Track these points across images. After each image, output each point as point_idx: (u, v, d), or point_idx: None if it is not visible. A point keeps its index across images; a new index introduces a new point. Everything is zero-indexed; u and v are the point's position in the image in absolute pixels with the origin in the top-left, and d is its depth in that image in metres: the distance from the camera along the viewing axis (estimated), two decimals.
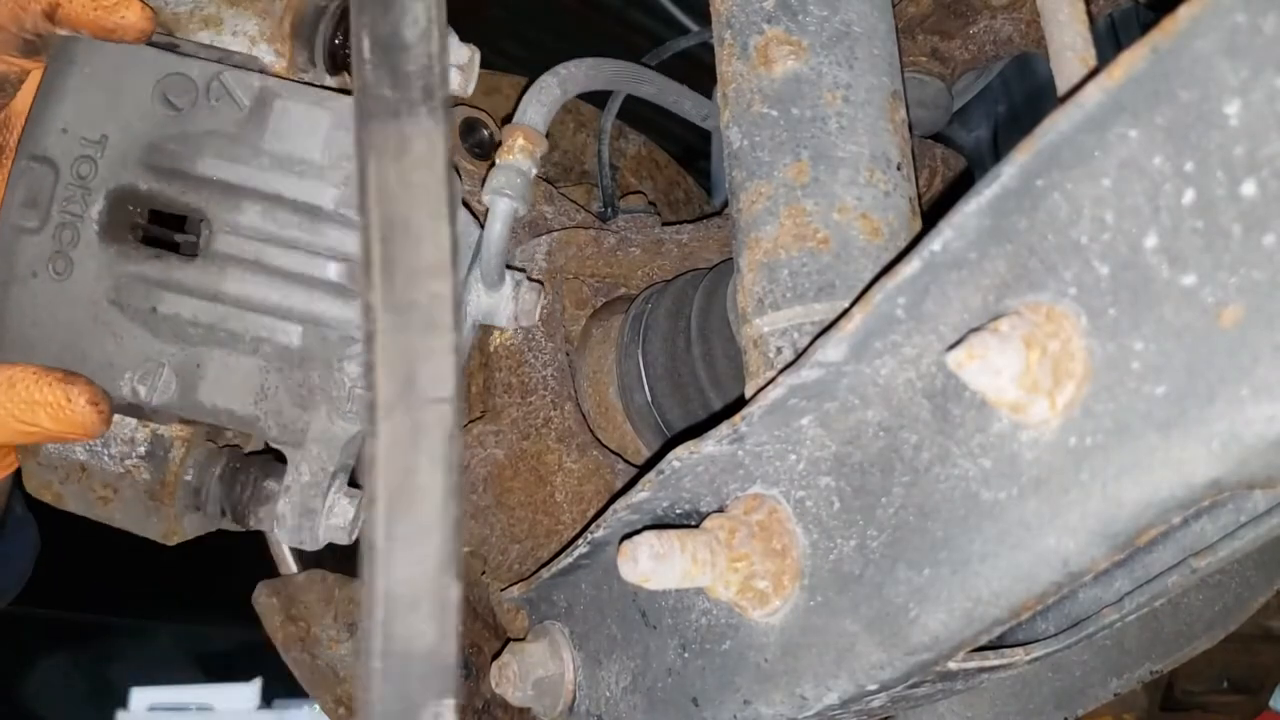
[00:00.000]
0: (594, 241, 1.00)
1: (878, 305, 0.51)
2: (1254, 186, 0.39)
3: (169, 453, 0.82)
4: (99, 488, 0.82)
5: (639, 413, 0.96)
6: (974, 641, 0.51)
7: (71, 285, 0.76)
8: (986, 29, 1.01)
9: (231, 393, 0.78)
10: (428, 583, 0.50)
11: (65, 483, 0.82)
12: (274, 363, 0.78)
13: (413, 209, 0.59)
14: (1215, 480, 0.41)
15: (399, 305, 0.56)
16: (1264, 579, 0.93)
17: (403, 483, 0.52)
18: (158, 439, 0.81)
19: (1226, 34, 0.39)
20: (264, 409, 0.78)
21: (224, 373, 0.78)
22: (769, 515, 0.59)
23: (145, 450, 0.81)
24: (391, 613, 0.50)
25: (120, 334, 0.77)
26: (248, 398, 0.78)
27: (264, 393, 0.78)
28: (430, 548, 0.51)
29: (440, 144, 0.59)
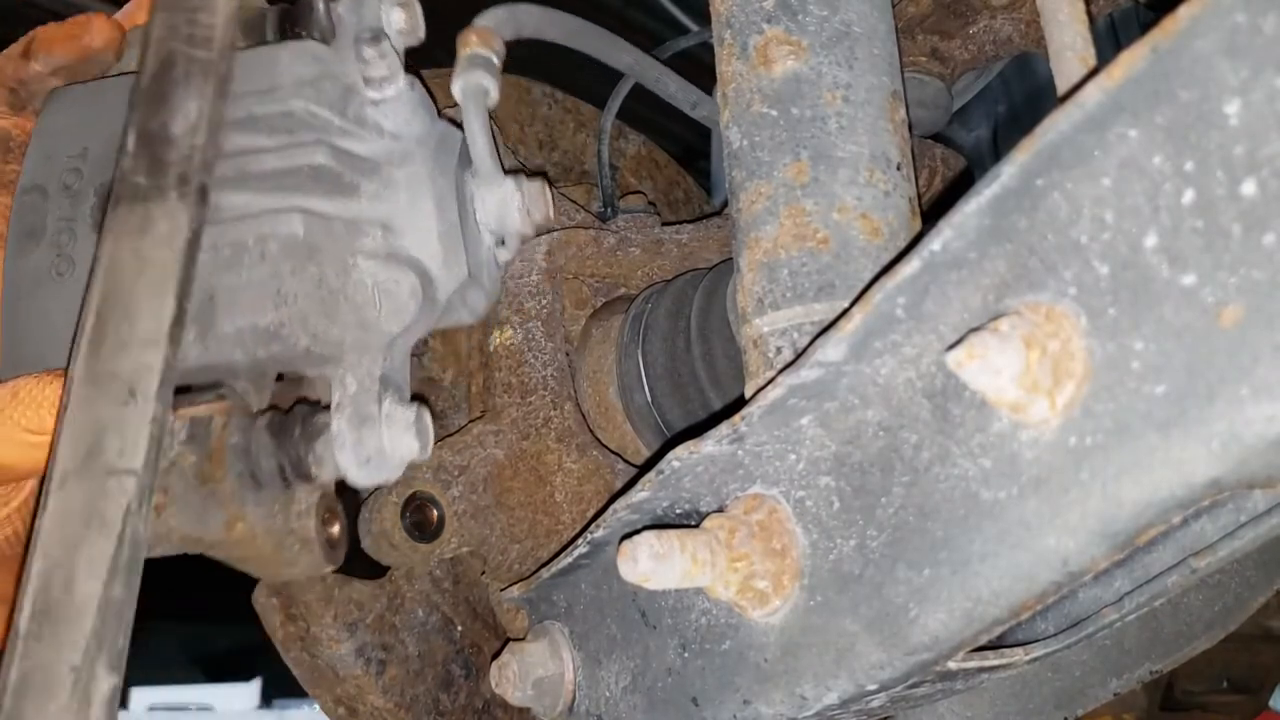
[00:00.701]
0: (594, 241, 1.00)
1: (878, 305, 0.51)
2: (1254, 186, 0.39)
3: (209, 426, 0.76)
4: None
5: (639, 413, 0.96)
6: (974, 641, 0.51)
7: (75, 280, 0.76)
8: (986, 29, 1.01)
9: (250, 307, 0.73)
10: (65, 673, 0.47)
11: None
12: (283, 262, 0.74)
13: (138, 283, 0.63)
14: (1215, 480, 0.41)
15: (98, 376, 0.58)
16: (1264, 579, 0.93)
17: (62, 559, 0.50)
18: (196, 421, 0.76)
19: (1226, 34, 0.39)
20: (287, 314, 0.73)
21: (237, 291, 0.73)
22: (769, 515, 0.59)
23: (186, 435, 0.75)
24: (20, 705, 0.46)
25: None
26: (267, 305, 0.73)
27: (282, 297, 0.73)
28: (76, 634, 0.48)
29: (185, 225, 0.65)
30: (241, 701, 4.55)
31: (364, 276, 0.76)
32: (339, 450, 0.74)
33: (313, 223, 0.75)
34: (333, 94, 0.79)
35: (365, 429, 0.74)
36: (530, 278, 0.95)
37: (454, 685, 0.94)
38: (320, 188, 0.77)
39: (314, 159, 0.76)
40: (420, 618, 0.92)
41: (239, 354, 0.74)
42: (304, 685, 0.89)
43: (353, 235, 0.77)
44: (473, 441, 0.89)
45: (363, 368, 0.75)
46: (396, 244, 0.78)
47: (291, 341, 0.73)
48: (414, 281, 0.77)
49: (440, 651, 0.94)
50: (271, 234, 0.74)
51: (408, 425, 0.75)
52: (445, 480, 0.87)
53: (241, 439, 0.76)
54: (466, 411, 0.98)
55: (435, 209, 0.79)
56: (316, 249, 0.75)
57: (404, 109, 0.81)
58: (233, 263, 0.74)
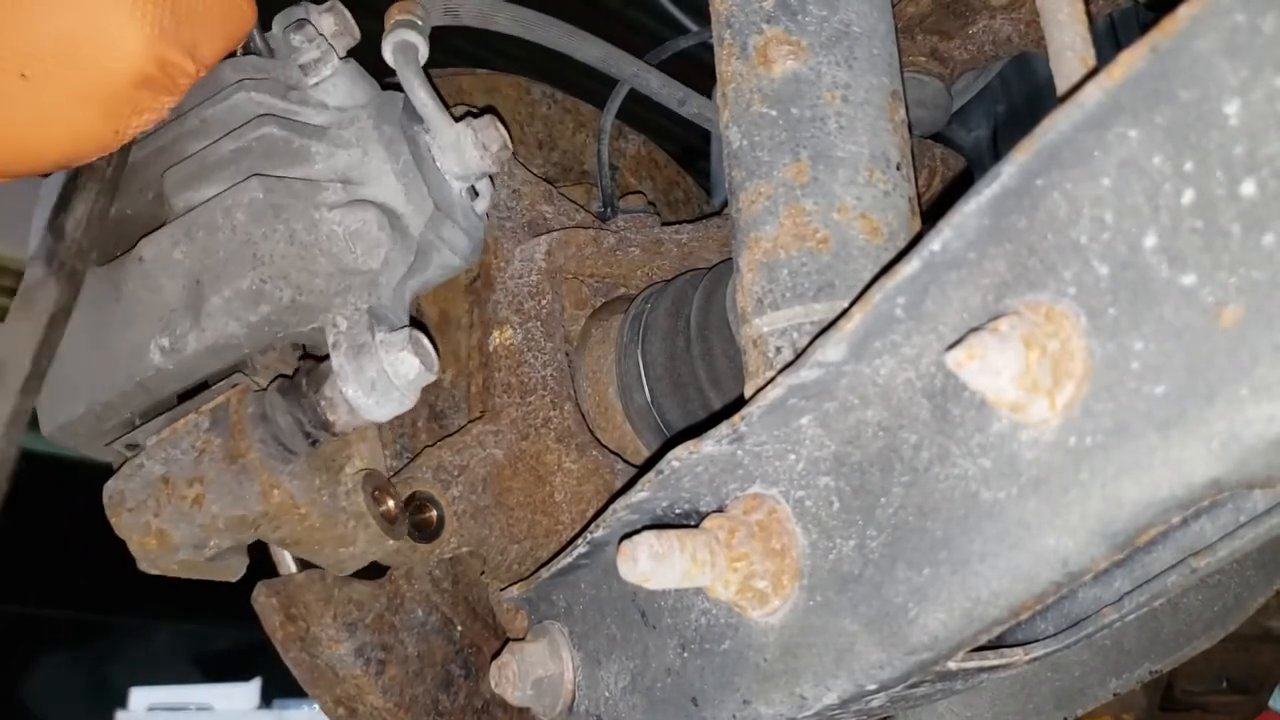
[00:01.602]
0: (593, 241, 1.00)
1: (877, 305, 0.51)
2: (1253, 186, 0.39)
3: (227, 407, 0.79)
4: (185, 488, 0.77)
5: (638, 412, 0.96)
6: (973, 641, 0.51)
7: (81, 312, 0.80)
8: (986, 29, 1.01)
9: (231, 276, 0.77)
10: None
11: (160, 512, 0.77)
12: (253, 227, 0.77)
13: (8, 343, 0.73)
14: (1215, 480, 0.41)
15: None
16: (1263, 579, 0.93)
17: None
18: (215, 409, 0.79)
19: (1226, 34, 0.39)
20: (266, 273, 0.77)
21: (218, 266, 0.78)
22: (768, 515, 0.59)
23: (208, 423, 0.78)
24: None
25: (132, 314, 0.79)
26: (245, 269, 0.77)
27: (259, 259, 0.77)
28: None
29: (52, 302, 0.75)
30: (241, 701, 4.55)
31: (332, 226, 0.79)
32: (344, 384, 0.76)
33: (271, 184, 0.79)
34: (274, 88, 0.84)
35: (363, 357, 0.76)
36: (530, 278, 0.95)
37: (453, 685, 0.94)
38: (274, 156, 0.81)
39: (259, 131, 0.81)
40: (420, 618, 0.92)
41: (233, 324, 0.77)
42: (303, 685, 0.89)
43: (313, 192, 0.80)
44: (472, 441, 0.89)
45: (350, 305, 0.78)
46: (359, 193, 0.82)
47: (276, 296, 0.77)
48: (378, 216, 0.80)
49: (440, 651, 0.94)
50: (235, 204, 0.78)
51: (403, 344, 0.77)
52: (445, 480, 0.87)
53: (257, 407, 0.78)
54: (466, 412, 0.98)
55: (386, 152, 0.83)
56: (281, 208, 0.78)
57: (343, 84, 0.86)
58: (208, 243, 0.78)
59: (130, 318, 0.80)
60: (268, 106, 0.83)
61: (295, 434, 0.78)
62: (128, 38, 0.69)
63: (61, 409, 0.82)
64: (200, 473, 0.77)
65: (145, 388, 0.80)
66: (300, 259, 0.78)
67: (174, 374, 0.79)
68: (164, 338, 0.78)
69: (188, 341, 0.77)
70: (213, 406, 0.79)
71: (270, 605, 0.87)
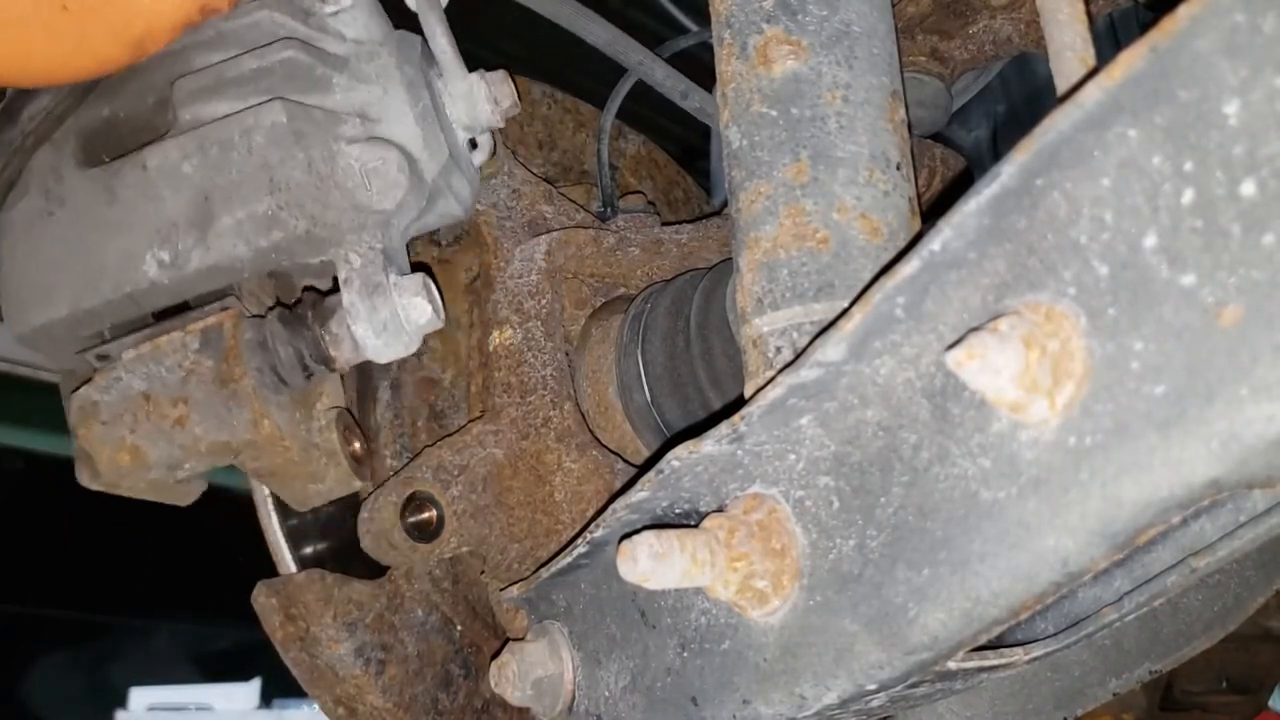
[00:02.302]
0: (593, 241, 1.00)
1: (877, 305, 0.51)
2: (1253, 186, 0.39)
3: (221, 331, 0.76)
4: (169, 407, 0.75)
5: (638, 412, 0.96)
6: (973, 641, 0.51)
7: (67, 212, 0.79)
8: (986, 29, 1.01)
9: (246, 198, 0.76)
10: None
11: (137, 428, 0.75)
12: (271, 151, 0.76)
13: None
14: (1215, 480, 0.41)
15: None
16: (1263, 579, 0.93)
17: None
18: (206, 330, 0.76)
19: (1226, 34, 0.39)
20: (283, 199, 0.76)
21: (231, 187, 0.76)
22: (768, 515, 0.59)
23: (198, 344, 0.76)
24: None
25: (127, 222, 0.77)
26: (261, 193, 0.76)
27: (275, 184, 0.76)
28: None
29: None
30: (241, 701, 4.55)
31: (350, 161, 0.78)
32: (354, 321, 0.75)
33: (294, 110, 0.78)
34: (294, 10, 0.82)
35: (376, 297, 0.76)
36: (530, 277, 0.95)
37: (453, 685, 0.94)
38: (295, 81, 0.80)
39: (285, 53, 0.79)
40: (419, 617, 0.92)
41: (241, 246, 0.76)
42: (303, 685, 0.89)
43: (333, 124, 0.79)
44: (472, 441, 0.89)
45: (364, 243, 0.77)
46: (376, 130, 0.81)
47: (291, 225, 0.76)
48: (399, 157, 0.79)
49: (439, 651, 0.94)
50: (256, 125, 0.77)
51: (418, 288, 0.76)
52: (445, 480, 0.87)
53: (255, 334, 0.77)
54: (466, 411, 0.98)
55: (407, 94, 0.82)
56: (301, 134, 0.77)
57: (361, 16, 0.84)
58: (221, 161, 0.76)
59: (125, 225, 0.78)
60: (289, 29, 0.82)
61: (294, 366, 0.77)
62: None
63: (37, 310, 0.79)
64: (186, 393, 0.75)
65: (134, 299, 0.78)
66: (316, 190, 0.77)
67: (167, 289, 0.78)
68: (163, 251, 0.76)
69: (190, 258, 0.76)
70: (204, 327, 0.76)
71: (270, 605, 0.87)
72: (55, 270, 0.78)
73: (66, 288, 0.78)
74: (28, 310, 0.79)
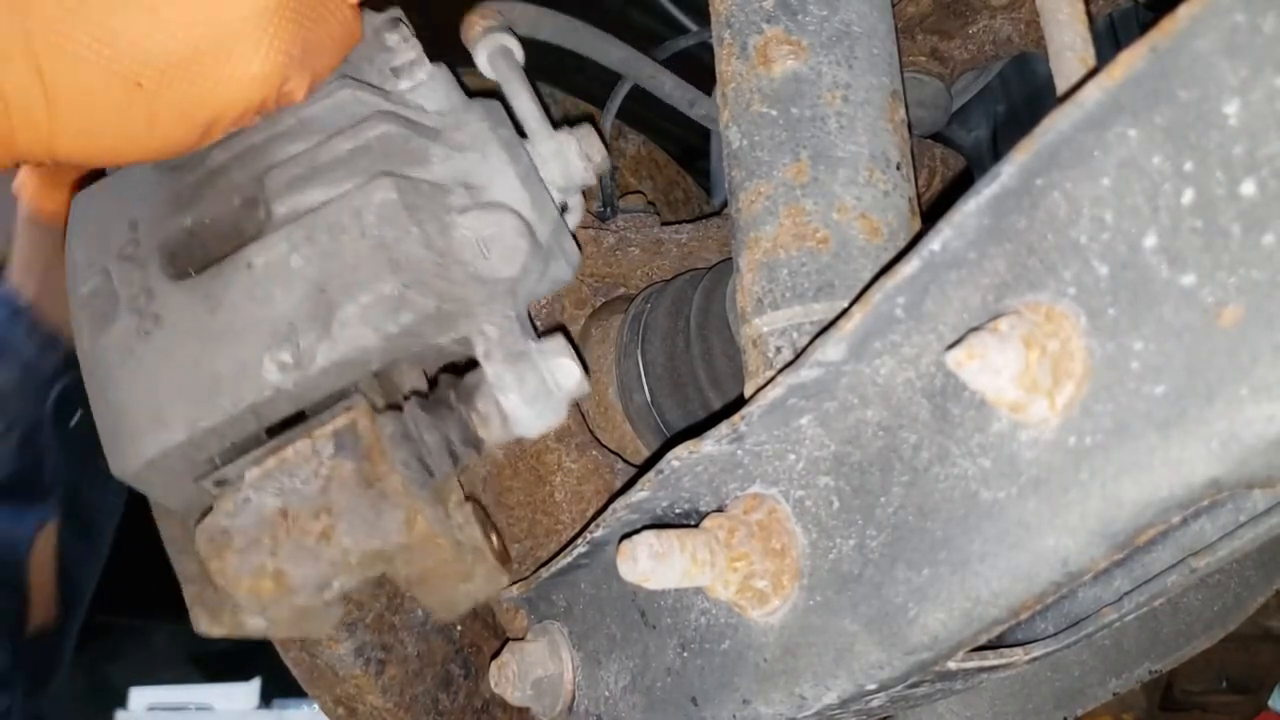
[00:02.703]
0: (593, 241, 1.00)
1: (877, 305, 0.51)
2: (1253, 186, 0.39)
3: (355, 430, 0.69)
4: (310, 521, 0.67)
5: (638, 412, 0.96)
6: (973, 641, 0.51)
7: (165, 329, 0.72)
8: (986, 29, 1.01)
9: (368, 282, 0.69)
10: None
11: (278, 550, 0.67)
12: (385, 229, 0.70)
13: None
14: (1215, 480, 0.41)
15: None
16: (1263, 579, 0.93)
17: None
18: (338, 431, 0.69)
19: (1226, 34, 0.39)
20: (407, 277, 0.69)
21: (348, 273, 0.69)
22: (768, 515, 0.59)
23: (332, 448, 0.68)
24: None
25: (237, 328, 0.70)
26: (384, 274, 0.69)
27: (396, 263, 0.69)
28: None
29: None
30: (240, 701, 4.54)
31: (464, 231, 0.73)
32: (503, 395, 0.70)
33: (403, 185, 0.72)
34: (370, 87, 0.78)
35: (522, 365, 0.70)
36: None
37: (453, 685, 0.94)
38: (393, 157, 0.75)
39: (380, 129, 0.74)
40: (420, 617, 0.92)
41: (369, 334, 0.69)
42: (303, 685, 0.89)
43: (440, 195, 0.74)
44: None
45: (497, 314, 0.71)
46: (483, 198, 0.75)
47: (419, 304, 0.69)
48: (515, 221, 0.74)
49: (439, 651, 0.93)
50: (365, 204, 0.71)
51: (562, 349, 0.71)
52: None
53: (396, 426, 0.70)
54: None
55: (508, 155, 0.77)
56: (414, 209, 0.72)
57: (439, 88, 0.80)
58: (333, 248, 0.70)
59: (235, 332, 0.70)
60: (373, 105, 0.77)
61: (441, 453, 0.71)
62: (254, 62, 0.64)
63: (149, 440, 0.70)
64: (328, 502, 0.67)
65: (256, 411, 0.70)
66: (437, 265, 0.71)
67: (291, 394, 0.70)
68: (283, 352, 0.69)
69: (315, 355, 0.68)
70: (335, 429, 0.69)
71: None
72: (163, 392, 0.70)
73: (179, 409, 0.70)
74: (138, 441, 0.70)
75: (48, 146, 0.65)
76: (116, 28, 0.60)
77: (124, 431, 0.71)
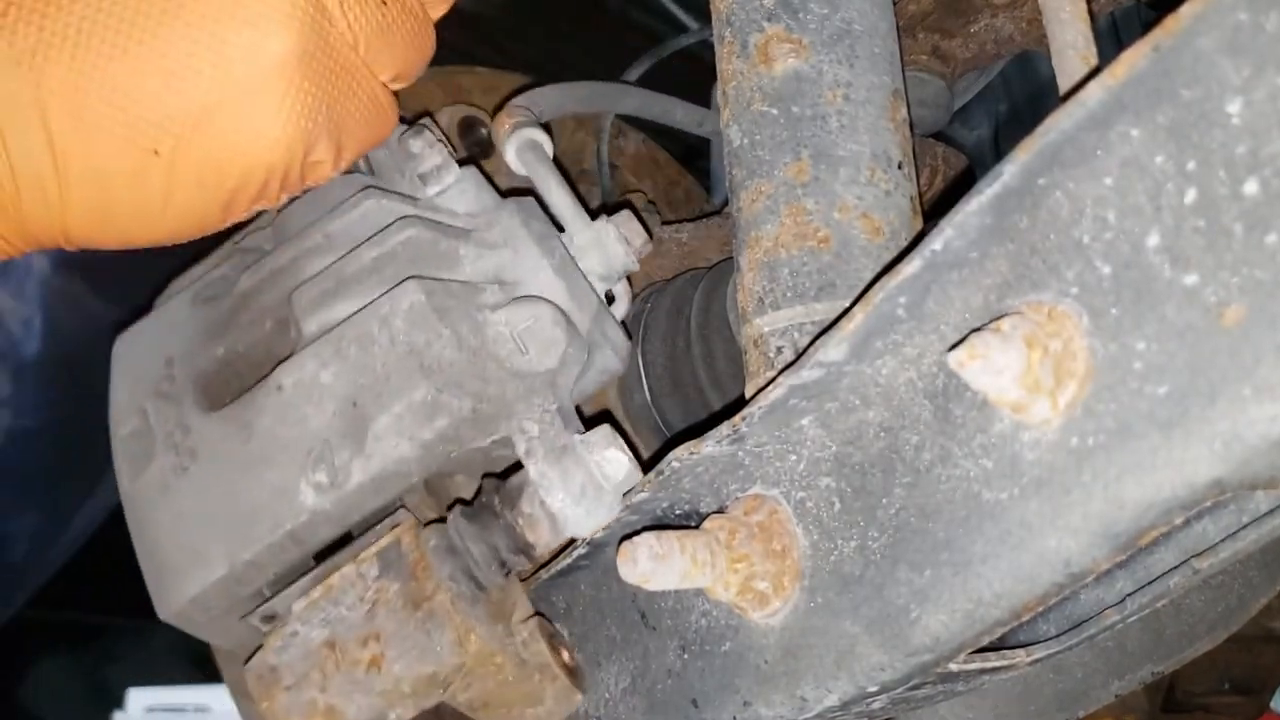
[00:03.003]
0: None
1: (879, 305, 0.51)
2: (1256, 185, 0.38)
3: (400, 548, 0.67)
4: (358, 650, 0.65)
5: (638, 413, 0.96)
6: (975, 643, 0.51)
7: (201, 463, 0.70)
8: (988, 27, 1.00)
9: (400, 391, 0.67)
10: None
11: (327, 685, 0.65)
12: (415, 334, 0.68)
13: None
14: (1218, 480, 0.41)
15: None
16: (1266, 580, 0.93)
17: None
18: (382, 552, 0.67)
19: (1229, 32, 0.39)
20: (440, 381, 0.67)
21: (379, 383, 0.67)
22: (769, 516, 0.59)
23: (376, 570, 0.66)
24: None
25: (271, 453, 0.69)
26: (417, 380, 0.67)
27: (428, 368, 0.67)
28: None
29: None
30: None
31: (499, 328, 0.70)
32: (548, 494, 0.66)
33: (431, 286, 0.70)
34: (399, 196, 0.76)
35: (566, 460, 0.66)
36: None
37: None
38: (421, 261, 0.72)
39: (405, 234, 0.72)
40: None
41: (404, 445, 0.66)
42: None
43: (472, 294, 0.71)
44: None
45: (536, 409, 0.68)
46: (516, 293, 0.73)
47: (455, 408, 0.66)
48: (552, 311, 0.71)
49: None
50: (393, 311, 0.69)
51: (609, 440, 0.67)
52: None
53: (440, 539, 0.68)
54: None
55: (540, 248, 0.74)
56: (444, 311, 0.69)
57: (469, 189, 0.78)
58: (363, 359, 0.68)
59: (270, 458, 0.69)
60: (399, 213, 0.75)
61: (490, 564, 0.68)
62: (274, 123, 0.60)
63: (191, 578, 0.68)
64: (376, 628, 0.65)
65: (296, 537, 0.68)
66: (470, 364, 0.68)
67: (330, 515, 0.67)
68: (318, 473, 0.67)
69: (351, 473, 0.66)
70: (378, 550, 0.67)
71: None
72: (202, 528, 0.69)
73: (219, 543, 0.68)
74: (180, 580, 0.69)
75: (60, 225, 0.61)
76: (132, 90, 0.57)
77: (165, 571, 0.69)
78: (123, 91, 0.57)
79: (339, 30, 0.60)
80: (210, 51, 0.57)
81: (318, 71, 0.60)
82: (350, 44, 0.61)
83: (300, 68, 0.59)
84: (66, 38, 0.55)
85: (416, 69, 0.68)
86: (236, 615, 0.70)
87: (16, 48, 0.55)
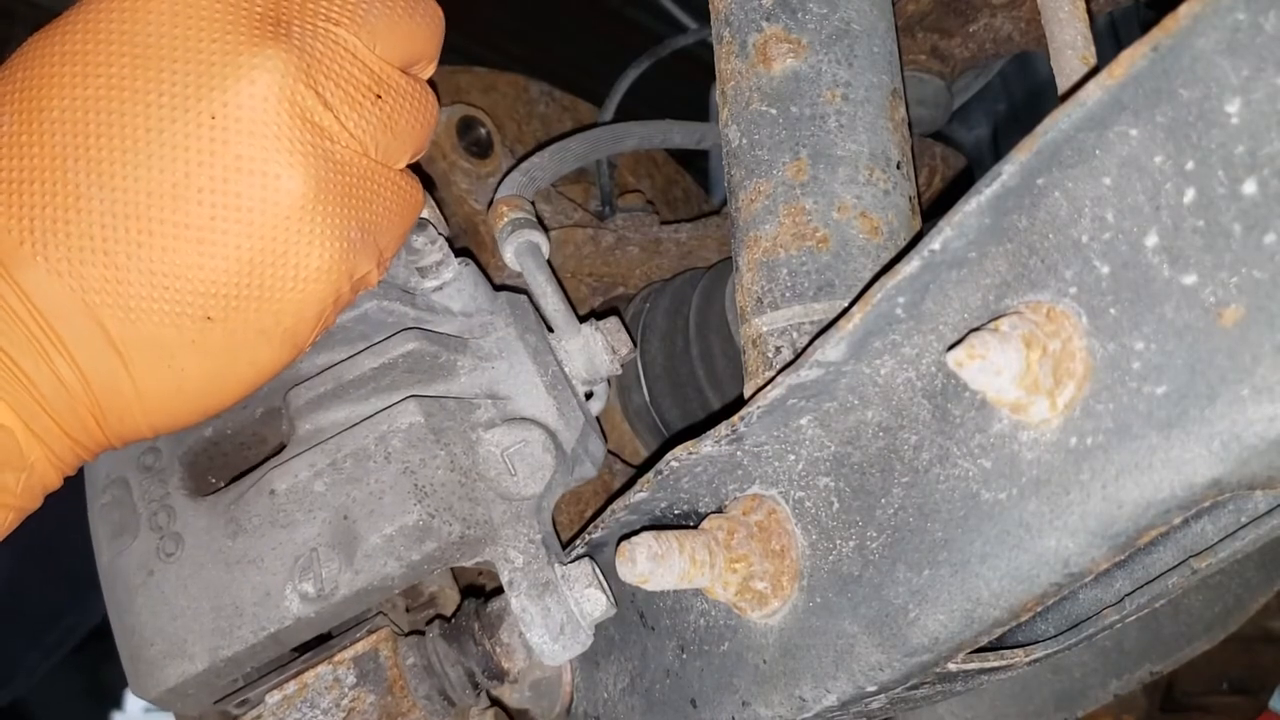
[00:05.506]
0: (592, 240, 1.00)
1: (877, 304, 0.51)
2: (1255, 185, 0.38)
3: (378, 658, 0.69)
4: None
5: (637, 413, 0.96)
6: (974, 643, 0.51)
7: (189, 554, 0.71)
8: (986, 27, 1.00)
9: (392, 511, 0.69)
10: None
11: None
12: (411, 454, 0.70)
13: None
14: (1216, 480, 0.41)
15: None
16: (1264, 580, 0.93)
17: None
18: (359, 659, 0.70)
19: (1227, 32, 0.39)
20: (432, 506, 0.69)
21: (372, 500, 0.69)
22: (768, 516, 0.59)
23: (354, 677, 0.69)
24: None
25: (258, 554, 0.70)
26: (409, 503, 0.69)
27: (421, 490, 0.69)
28: None
29: None
30: None
31: (490, 448, 0.72)
32: (528, 629, 0.68)
33: (429, 406, 0.71)
34: (399, 293, 0.76)
35: (548, 597, 0.68)
36: None
37: None
38: (419, 373, 0.74)
39: (406, 347, 0.73)
40: None
41: (392, 564, 0.68)
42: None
43: (466, 412, 0.73)
44: None
45: (522, 537, 0.70)
46: (510, 409, 0.74)
47: (444, 533, 0.69)
48: (542, 435, 0.72)
49: None
50: (391, 430, 0.70)
51: (589, 579, 0.69)
52: None
53: (418, 657, 0.70)
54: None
55: (534, 364, 0.75)
56: (440, 431, 0.71)
57: (466, 286, 0.78)
58: (358, 474, 0.70)
59: (257, 559, 0.70)
60: (399, 314, 0.75)
61: (464, 686, 0.71)
62: (313, 257, 0.60)
63: (170, 669, 0.70)
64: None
65: (278, 639, 0.69)
66: (461, 487, 0.70)
67: (314, 622, 0.69)
68: (305, 582, 0.68)
69: (338, 585, 0.68)
70: (355, 656, 0.69)
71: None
72: (184, 620, 0.70)
73: (201, 638, 0.70)
74: (160, 669, 0.70)
75: (141, 414, 0.61)
76: (169, 270, 0.57)
77: (144, 658, 0.70)
78: (161, 271, 0.57)
79: (344, 144, 0.59)
80: (230, 210, 0.57)
81: (337, 193, 0.60)
82: (359, 151, 0.61)
83: (319, 197, 0.59)
84: (94, 238, 0.56)
85: (427, 138, 0.67)
86: (210, 701, 0.73)
87: (52, 260, 0.56)
